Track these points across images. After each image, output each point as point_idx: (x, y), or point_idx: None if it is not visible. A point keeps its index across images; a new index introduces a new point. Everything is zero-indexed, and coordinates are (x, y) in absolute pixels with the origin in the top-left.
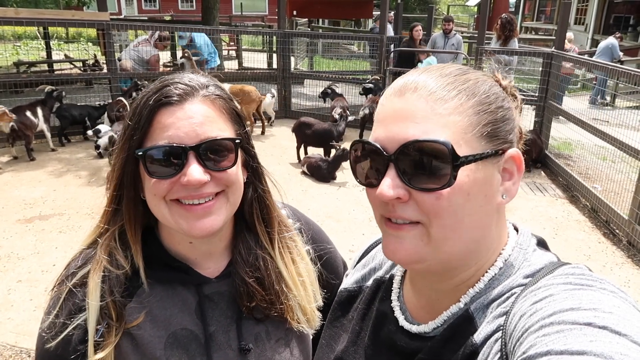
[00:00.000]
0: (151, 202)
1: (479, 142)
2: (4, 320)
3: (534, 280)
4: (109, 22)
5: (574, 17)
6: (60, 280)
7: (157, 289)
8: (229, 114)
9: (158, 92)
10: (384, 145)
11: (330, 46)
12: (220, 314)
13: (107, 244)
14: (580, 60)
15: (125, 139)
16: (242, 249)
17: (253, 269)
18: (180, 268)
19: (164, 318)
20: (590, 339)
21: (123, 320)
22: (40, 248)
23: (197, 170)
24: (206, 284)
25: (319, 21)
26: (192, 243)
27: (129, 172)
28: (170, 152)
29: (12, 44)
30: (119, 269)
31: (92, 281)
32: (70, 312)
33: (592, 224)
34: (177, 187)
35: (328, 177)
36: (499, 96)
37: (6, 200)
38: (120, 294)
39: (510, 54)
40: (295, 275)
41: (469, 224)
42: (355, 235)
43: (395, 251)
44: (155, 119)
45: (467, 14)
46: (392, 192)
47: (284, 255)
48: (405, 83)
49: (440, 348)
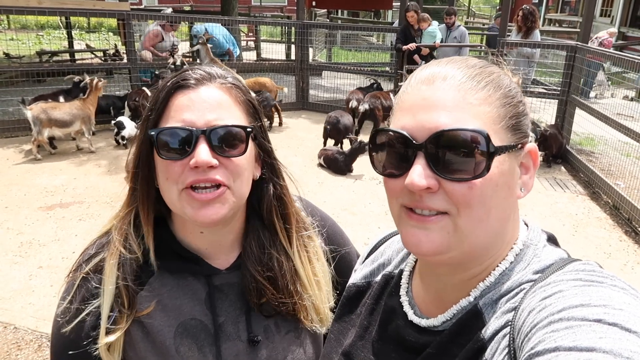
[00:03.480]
0: (163, 186)
1: (506, 134)
2: (25, 305)
3: (543, 276)
4: (129, 12)
5: (599, 9)
6: (75, 266)
7: (168, 278)
8: (244, 105)
9: (177, 76)
10: (412, 134)
11: (349, 37)
12: (230, 304)
13: (122, 226)
14: (605, 53)
15: (143, 120)
16: (253, 244)
17: (265, 268)
18: (190, 259)
19: (174, 307)
20: (600, 335)
21: (134, 308)
22: (60, 235)
23: (205, 152)
24: (216, 275)
25: (338, 12)
26: (202, 233)
27: (144, 153)
28: (181, 135)
29: (35, 33)
30: (132, 254)
31: (108, 266)
32: (84, 298)
33: (614, 222)
34: (186, 172)
35: (345, 170)
36: (518, 91)
37: (28, 188)
38: (132, 281)
39: (532, 46)
40: (312, 274)
41: (494, 216)
42: (371, 228)
43: (419, 243)
44: (170, 101)
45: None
46: (424, 182)
47: (302, 254)
48: (433, 72)
49: (449, 343)
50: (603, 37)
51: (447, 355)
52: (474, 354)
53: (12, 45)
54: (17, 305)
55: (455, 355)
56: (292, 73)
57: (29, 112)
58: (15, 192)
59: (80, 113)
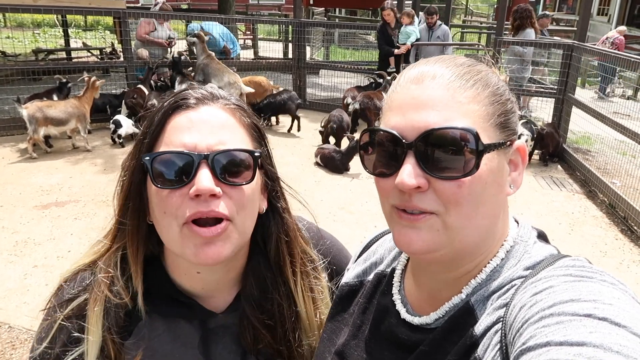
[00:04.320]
0: (161, 222)
1: (495, 131)
2: (20, 305)
3: (534, 272)
4: (125, 10)
5: (596, 7)
6: (52, 304)
7: (158, 322)
8: (249, 129)
9: (175, 96)
10: (402, 133)
11: (346, 36)
12: (224, 348)
13: (107, 266)
14: (602, 52)
15: (135, 145)
16: (254, 286)
17: (266, 315)
18: (184, 303)
19: (165, 354)
20: (590, 330)
21: (122, 359)
22: (56, 234)
23: (207, 178)
24: (211, 318)
25: (336, 10)
26: (199, 273)
27: (136, 182)
28: (180, 159)
29: (31, 31)
30: (120, 299)
31: (93, 314)
32: (64, 344)
33: (610, 220)
34: (186, 202)
35: (341, 168)
36: (506, 88)
37: (23, 187)
38: (119, 332)
39: (522, 45)
40: (314, 317)
41: (483, 213)
42: (367, 227)
43: (410, 242)
44: (168, 122)
45: (486, 4)
46: (413, 181)
47: (306, 296)
48: (422, 71)
49: (441, 340)
50: (614, 37)
51: (440, 352)
52: (466, 351)
53: (8, 44)
54: (11, 304)
55: (447, 352)
56: (289, 71)
57: (25, 111)
58: (10, 191)
59: (76, 111)
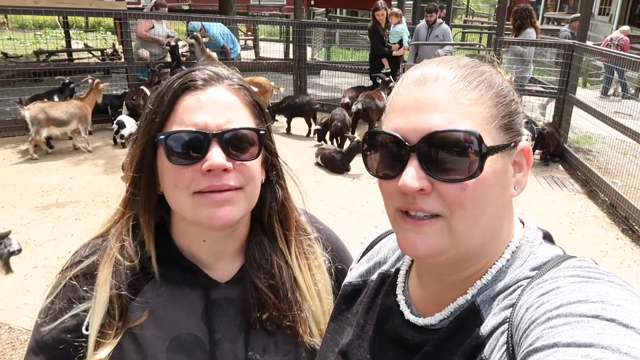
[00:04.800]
0: (171, 194)
1: (499, 133)
2: (20, 305)
3: (540, 273)
4: (125, 11)
5: (597, 7)
6: (66, 266)
7: (162, 287)
8: (252, 107)
9: (183, 77)
10: (404, 136)
11: (347, 36)
12: (228, 321)
13: (119, 233)
14: (603, 51)
15: (146, 123)
16: (256, 252)
17: (267, 276)
18: (189, 268)
19: (169, 320)
20: (598, 331)
21: (126, 320)
22: (56, 235)
23: (219, 155)
24: (214, 288)
25: (337, 11)
26: (205, 241)
27: (148, 158)
28: (193, 138)
29: (33, 32)
30: (130, 261)
31: (102, 274)
32: (69, 300)
33: (611, 220)
34: (198, 177)
35: (342, 169)
36: (510, 89)
37: (24, 188)
38: (127, 289)
39: (523, 45)
40: (311, 283)
41: (488, 215)
42: (368, 227)
43: (415, 247)
44: (178, 103)
45: (487, 4)
46: (417, 184)
47: (300, 261)
48: (425, 73)
49: (447, 340)
50: (618, 38)
51: (445, 352)
52: (472, 351)
53: (9, 45)
54: (12, 305)
55: (453, 352)
56: (290, 72)
57: (27, 112)
58: (11, 192)
59: (78, 112)
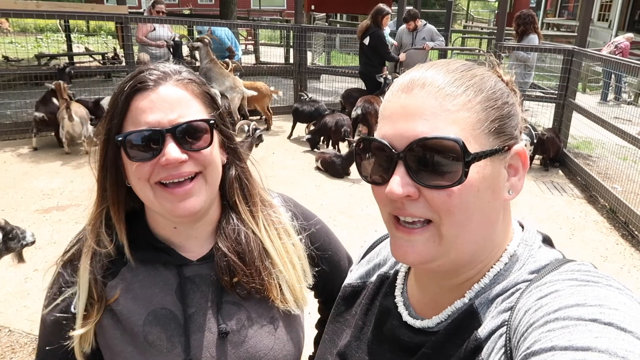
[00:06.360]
0: (136, 186)
1: (487, 138)
2: (20, 308)
3: (539, 276)
4: (127, 15)
5: (597, 13)
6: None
7: (139, 269)
8: (202, 97)
9: (133, 79)
10: (392, 143)
11: (347, 41)
12: (201, 296)
13: (93, 225)
14: (602, 57)
15: (105, 124)
16: (225, 225)
17: (234, 243)
18: (162, 249)
19: (145, 297)
20: (596, 335)
21: (104, 299)
22: (56, 238)
23: (174, 150)
24: (187, 266)
25: (337, 16)
26: (176, 228)
27: (111, 156)
28: (148, 136)
29: (34, 36)
30: (105, 249)
31: (83, 262)
32: (60, 286)
33: (611, 225)
34: (157, 169)
35: (342, 173)
36: (504, 92)
37: (25, 191)
38: (102, 273)
39: (526, 51)
40: (283, 251)
41: (478, 221)
42: (367, 231)
43: (406, 254)
44: (131, 104)
45: (487, 10)
46: (401, 190)
47: (269, 230)
48: (413, 79)
49: (444, 342)
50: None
51: (443, 354)
52: (470, 354)
53: (11, 48)
54: (11, 308)
55: (450, 355)
56: (290, 76)
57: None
58: (12, 195)
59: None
